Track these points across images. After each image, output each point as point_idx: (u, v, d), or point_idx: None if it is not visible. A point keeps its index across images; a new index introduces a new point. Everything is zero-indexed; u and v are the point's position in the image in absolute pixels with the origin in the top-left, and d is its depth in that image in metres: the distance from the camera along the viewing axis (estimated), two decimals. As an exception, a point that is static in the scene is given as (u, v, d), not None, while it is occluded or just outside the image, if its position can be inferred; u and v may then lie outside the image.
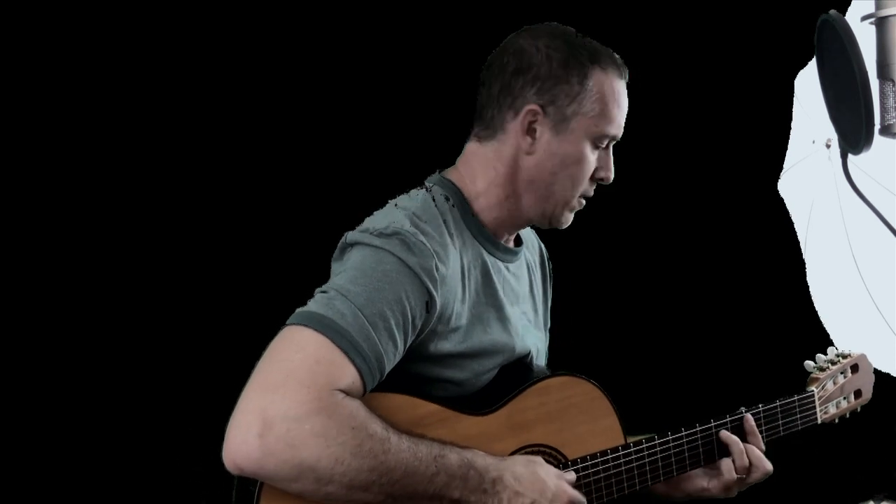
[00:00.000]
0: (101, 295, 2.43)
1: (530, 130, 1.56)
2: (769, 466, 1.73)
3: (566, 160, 1.57)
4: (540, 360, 1.73)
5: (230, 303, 2.45)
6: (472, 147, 1.62)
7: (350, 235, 1.47)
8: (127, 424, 2.40)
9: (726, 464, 1.70)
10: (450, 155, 1.66)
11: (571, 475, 1.51)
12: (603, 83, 1.56)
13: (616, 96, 1.58)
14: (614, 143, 1.63)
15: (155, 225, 2.46)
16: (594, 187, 1.64)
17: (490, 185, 1.59)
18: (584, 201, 1.64)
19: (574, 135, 1.56)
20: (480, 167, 1.60)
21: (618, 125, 1.60)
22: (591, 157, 1.59)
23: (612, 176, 1.63)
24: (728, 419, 1.74)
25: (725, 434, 1.71)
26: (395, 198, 1.57)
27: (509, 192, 1.59)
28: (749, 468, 1.71)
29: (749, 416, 1.75)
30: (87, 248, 2.41)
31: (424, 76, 2.53)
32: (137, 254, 2.45)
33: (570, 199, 1.61)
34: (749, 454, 1.71)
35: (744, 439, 1.73)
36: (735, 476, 1.70)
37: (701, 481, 1.73)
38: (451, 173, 1.62)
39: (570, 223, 1.65)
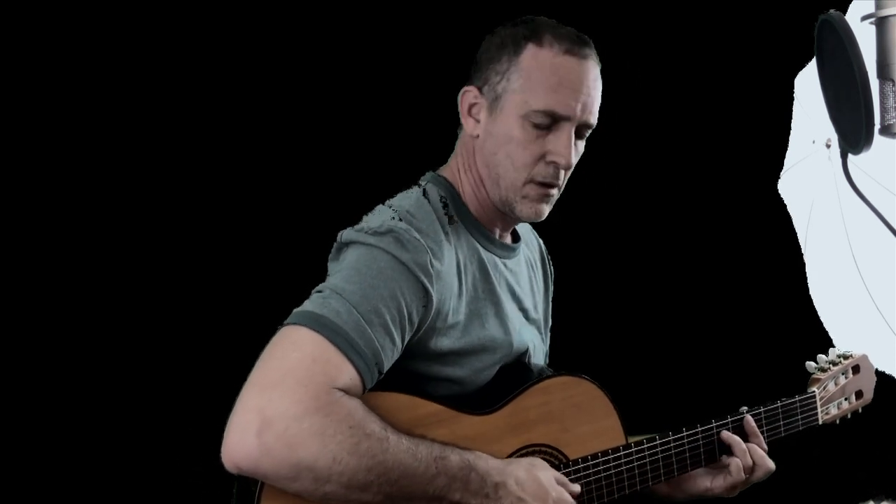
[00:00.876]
0: (100, 295, 2.43)
1: (472, 113, 1.56)
2: (772, 465, 1.73)
3: (500, 139, 1.53)
4: (537, 357, 1.72)
5: (228, 304, 2.46)
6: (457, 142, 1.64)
7: (345, 235, 1.47)
8: (127, 424, 2.40)
9: (734, 463, 1.69)
10: (445, 154, 1.66)
11: (576, 487, 1.51)
12: (535, 57, 1.50)
13: (550, 71, 1.49)
14: (587, 129, 1.55)
15: (153, 226, 2.46)
16: (555, 174, 1.54)
17: (465, 175, 1.60)
18: (550, 191, 1.55)
19: (504, 112, 1.52)
20: (458, 159, 1.62)
21: (554, 101, 1.49)
22: (527, 136, 1.51)
23: (564, 161, 1.52)
24: (729, 419, 1.74)
25: (727, 434, 1.71)
26: (390, 198, 1.56)
27: (476, 179, 1.59)
28: (752, 467, 1.71)
29: (749, 418, 1.74)
30: (85, 248, 2.41)
31: (420, 75, 2.53)
32: (136, 255, 2.45)
33: (517, 183, 1.53)
34: (752, 453, 1.71)
35: (745, 440, 1.72)
36: (743, 476, 1.70)
37: (704, 481, 1.72)
38: (445, 170, 1.63)
39: (540, 216, 1.57)
